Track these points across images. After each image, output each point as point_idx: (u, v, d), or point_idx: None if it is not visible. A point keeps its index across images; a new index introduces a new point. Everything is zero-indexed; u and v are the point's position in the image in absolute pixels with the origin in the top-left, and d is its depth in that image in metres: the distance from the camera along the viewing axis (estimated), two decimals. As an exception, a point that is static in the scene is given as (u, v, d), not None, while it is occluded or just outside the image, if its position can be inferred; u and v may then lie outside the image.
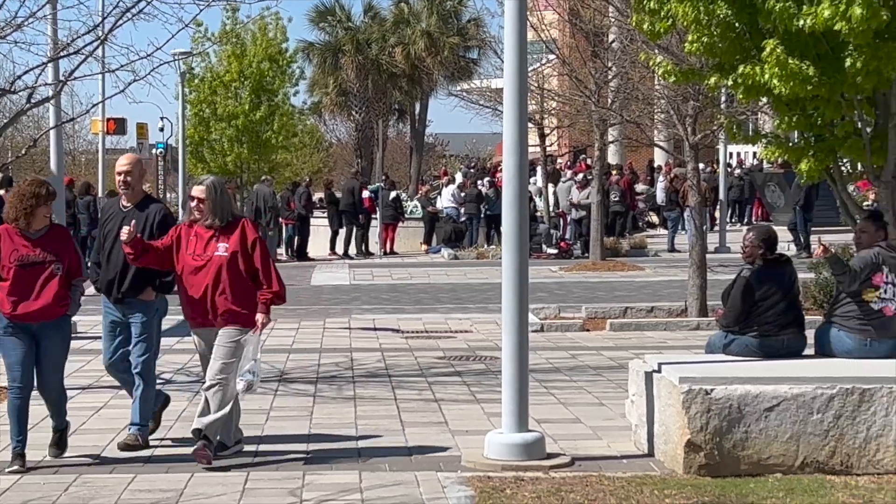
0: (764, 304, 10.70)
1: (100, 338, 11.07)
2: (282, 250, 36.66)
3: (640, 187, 42.63)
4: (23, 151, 16.08)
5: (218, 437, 10.25)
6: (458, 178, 45.18)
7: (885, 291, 10.49)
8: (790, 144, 12.86)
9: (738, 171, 44.38)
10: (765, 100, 13.62)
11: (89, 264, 10.96)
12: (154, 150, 42.63)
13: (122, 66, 12.17)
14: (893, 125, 11.93)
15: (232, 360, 10.10)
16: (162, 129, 42.95)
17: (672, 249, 33.77)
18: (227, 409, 10.14)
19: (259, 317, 10.18)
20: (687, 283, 20.14)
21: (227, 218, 10.28)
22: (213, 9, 13.02)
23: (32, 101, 12.40)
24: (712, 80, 12.73)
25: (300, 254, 35.61)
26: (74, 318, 11.09)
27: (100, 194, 37.03)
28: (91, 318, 16.31)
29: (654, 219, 43.06)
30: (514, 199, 10.55)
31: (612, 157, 47.16)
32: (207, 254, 10.20)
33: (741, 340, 10.74)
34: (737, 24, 11.99)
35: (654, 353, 11.41)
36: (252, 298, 10.21)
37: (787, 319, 10.72)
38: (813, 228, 35.34)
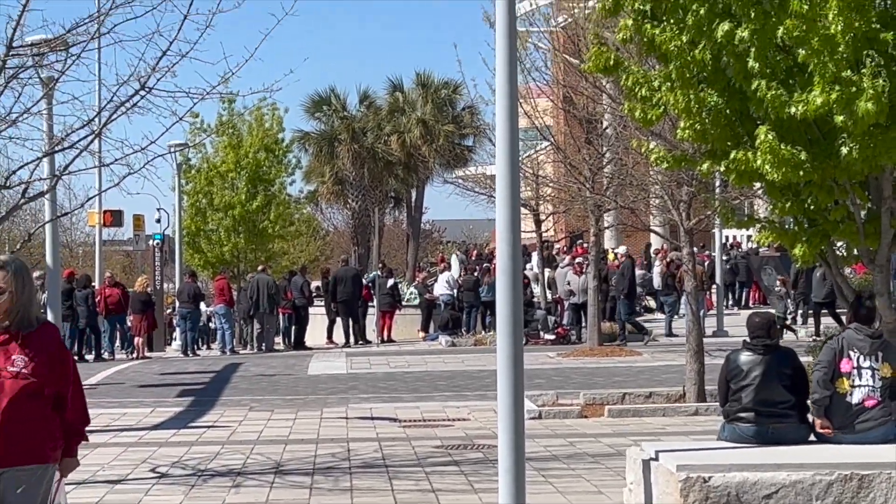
0: (745, 388, 10.61)
1: None
2: (279, 339, 36.73)
3: (637, 271, 42.62)
4: (18, 246, 16.13)
5: None
6: (454, 263, 45.23)
7: (860, 377, 10.32)
8: (784, 229, 12.90)
9: (732, 252, 44.40)
10: (758, 185, 13.66)
11: None
12: (151, 242, 42.76)
13: (116, 160, 12.22)
14: (886, 209, 11.97)
15: None
16: (159, 221, 43.14)
17: (669, 334, 33.72)
18: None
19: (66, 461, 7.54)
20: (685, 367, 20.08)
21: (33, 322, 7.45)
22: (209, 99, 13.14)
23: (28, 195, 12.43)
24: (705, 166, 12.80)
25: (297, 343, 35.58)
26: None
27: (97, 286, 37.04)
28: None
29: (652, 303, 43.01)
30: (507, 283, 10.53)
31: (609, 242, 47.28)
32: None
33: (731, 428, 10.67)
34: (728, 111, 12.08)
35: (652, 440, 11.34)
36: (57, 428, 7.45)
37: (778, 407, 10.56)
38: (810, 311, 35.46)
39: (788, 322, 32.37)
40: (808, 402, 10.74)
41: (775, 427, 10.54)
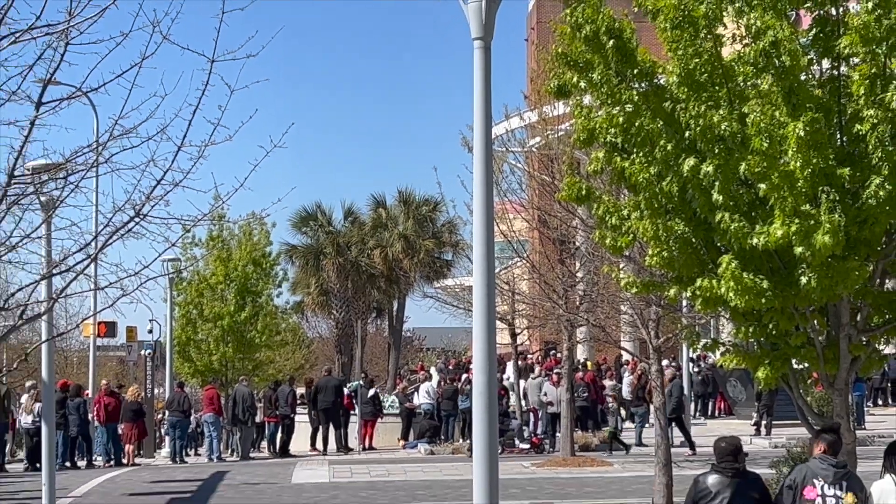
0: None
1: None
2: (265, 446, 36.53)
3: (607, 383, 42.52)
4: (14, 364, 16.03)
5: None
6: (434, 373, 45.05)
7: (825, 503, 10.28)
8: (748, 353, 12.90)
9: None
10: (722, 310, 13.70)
11: None
12: (143, 352, 42.54)
13: (111, 283, 12.13)
14: (844, 335, 12.01)
15: None
16: (151, 332, 42.93)
17: (639, 444, 33.53)
18: None
19: None
20: (653, 479, 20.00)
21: None
22: (200, 226, 13.12)
23: (25, 316, 12.36)
24: (672, 291, 12.85)
25: (282, 450, 35.34)
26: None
27: (90, 394, 36.79)
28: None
29: (623, 413, 42.81)
30: (483, 390, 10.71)
31: (583, 354, 47.22)
32: None
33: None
34: (694, 240, 12.15)
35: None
36: None
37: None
38: (774, 422, 35.42)
39: (620, 436, 33.26)
40: None
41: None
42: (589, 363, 44.08)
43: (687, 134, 11.64)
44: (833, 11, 11.89)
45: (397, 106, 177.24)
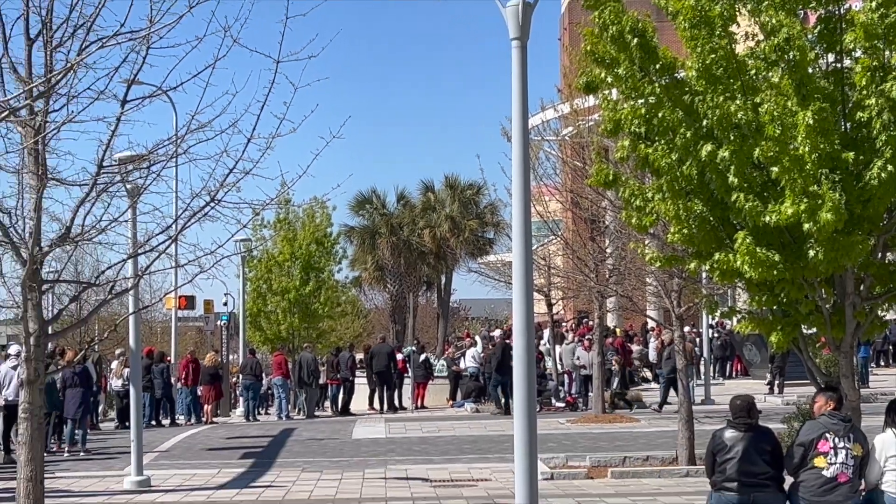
0: (729, 461, 10.57)
1: None
2: (328, 405, 36.78)
3: (634, 348, 42.47)
4: (105, 335, 16.23)
5: None
6: (479, 340, 45.13)
7: (836, 455, 10.27)
8: (761, 319, 12.86)
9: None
10: (738, 281, 13.66)
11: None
12: (219, 322, 42.86)
13: (189, 261, 12.31)
14: (849, 303, 11.95)
15: None
16: (226, 304, 43.23)
17: (664, 402, 33.41)
18: None
19: None
20: (677, 434, 19.96)
21: None
22: (268, 209, 13.29)
23: (114, 292, 12.53)
24: (692, 265, 12.81)
25: (343, 409, 35.59)
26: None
27: (172, 360, 37.14)
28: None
29: (648, 374, 42.79)
30: (522, 355, 10.73)
31: (612, 321, 47.12)
32: None
33: (717, 496, 10.59)
34: (711, 219, 12.11)
35: (649, 500, 11.25)
36: None
37: (758, 478, 10.47)
38: (786, 382, 35.26)
39: (627, 396, 33.13)
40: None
41: (756, 496, 10.45)
42: (618, 330, 44.07)
43: (705, 123, 11.59)
44: (835, 10, 11.80)
45: (444, 99, 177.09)
